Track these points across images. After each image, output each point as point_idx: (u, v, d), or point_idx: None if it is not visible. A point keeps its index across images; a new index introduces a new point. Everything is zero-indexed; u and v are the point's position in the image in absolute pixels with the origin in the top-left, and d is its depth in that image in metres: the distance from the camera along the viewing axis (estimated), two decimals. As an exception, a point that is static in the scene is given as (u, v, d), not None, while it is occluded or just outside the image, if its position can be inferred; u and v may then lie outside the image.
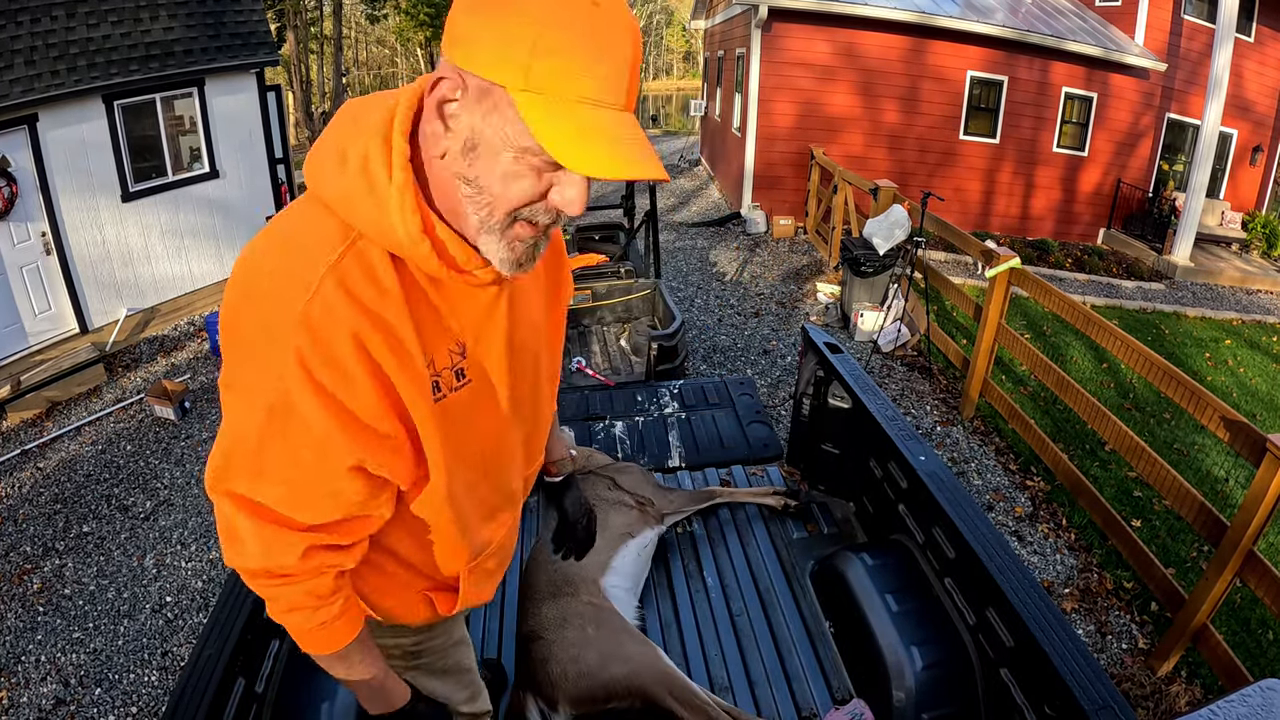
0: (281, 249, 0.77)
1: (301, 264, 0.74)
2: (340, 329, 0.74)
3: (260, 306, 0.75)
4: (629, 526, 2.34)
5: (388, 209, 0.73)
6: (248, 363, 0.76)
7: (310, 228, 0.77)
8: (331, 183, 0.76)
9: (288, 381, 0.73)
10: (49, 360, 5.43)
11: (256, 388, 0.75)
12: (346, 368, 0.75)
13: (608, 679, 1.84)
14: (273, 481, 0.79)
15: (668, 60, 43.59)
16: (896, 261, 5.55)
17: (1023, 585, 1.69)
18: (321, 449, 0.78)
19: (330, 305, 0.73)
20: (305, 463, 0.78)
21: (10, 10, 5.17)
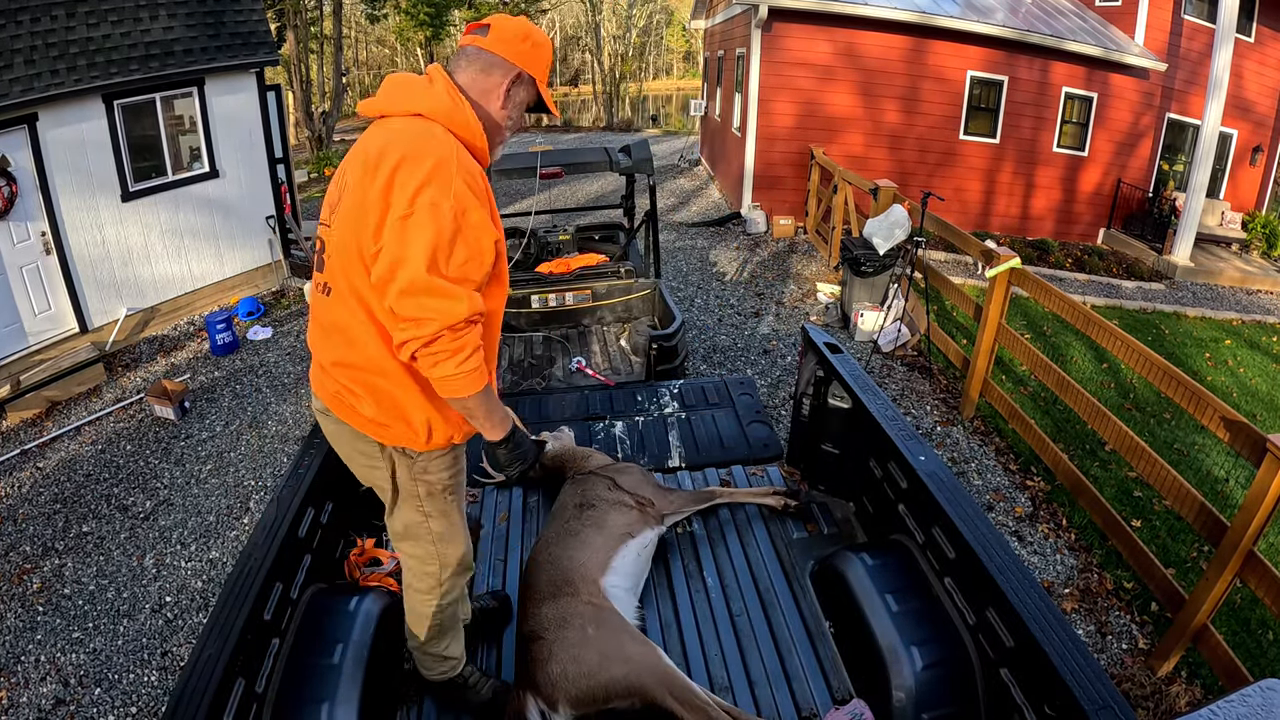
0: (423, 136, 1.41)
1: (444, 142, 1.42)
2: (476, 174, 1.44)
3: (432, 162, 1.36)
4: (629, 526, 2.34)
5: (471, 120, 1.50)
6: (430, 189, 1.35)
7: (430, 129, 1.43)
8: (428, 101, 1.46)
9: (463, 197, 1.38)
10: (49, 360, 5.43)
11: (442, 204, 1.35)
12: (485, 193, 1.46)
13: (608, 679, 1.84)
14: (461, 258, 1.38)
15: (668, 60, 43.58)
16: (896, 261, 5.55)
17: (1023, 585, 1.69)
18: (481, 233, 1.42)
19: (463, 160, 1.42)
20: (475, 242, 1.41)
21: (10, 10, 5.16)
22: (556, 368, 4.42)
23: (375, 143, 1.42)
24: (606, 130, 22.57)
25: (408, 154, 1.36)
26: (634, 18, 34.32)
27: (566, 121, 25.06)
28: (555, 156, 4.74)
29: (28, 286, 5.54)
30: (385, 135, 1.42)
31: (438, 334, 1.34)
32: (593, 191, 11.31)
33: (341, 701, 1.76)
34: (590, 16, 31.41)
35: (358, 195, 1.40)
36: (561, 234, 5.55)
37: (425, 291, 1.33)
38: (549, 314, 4.85)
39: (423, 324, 1.33)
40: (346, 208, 1.44)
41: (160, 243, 6.33)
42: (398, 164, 1.35)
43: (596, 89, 32.10)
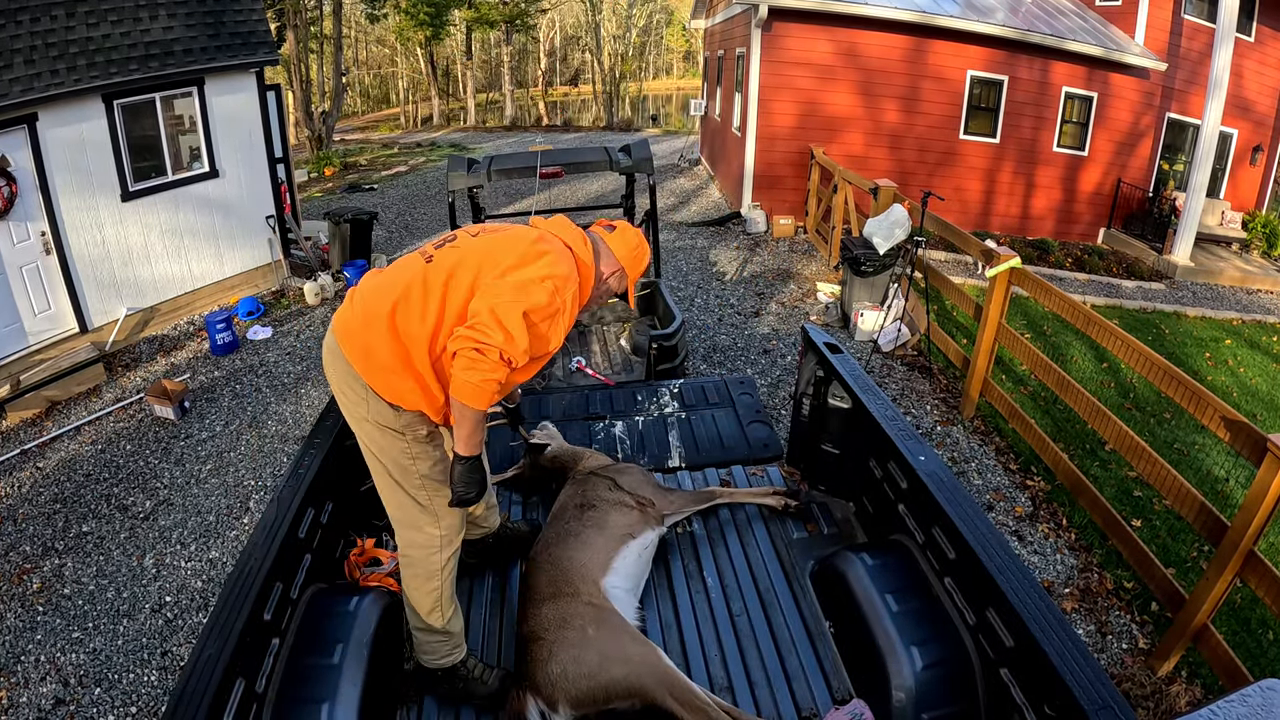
0: (573, 263, 1.85)
1: (570, 270, 1.82)
2: (573, 302, 1.84)
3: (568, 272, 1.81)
4: (630, 527, 2.33)
5: (589, 274, 1.93)
6: (555, 284, 1.75)
7: (565, 258, 1.83)
8: (580, 248, 1.90)
9: (567, 300, 1.79)
10: (49, 360, 5.43)
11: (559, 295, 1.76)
12: (566, 310, 1.80)
13: (608, 680, 1.84)
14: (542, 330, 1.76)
15: (668, 60, 43.58)
16: (896, 261, 5.55)
17: (1023, 585, 1.69)
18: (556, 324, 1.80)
19: (573, 285, 1.83)
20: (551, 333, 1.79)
21: (10, 10, 5.16)
22: (556, 368, 4.42)
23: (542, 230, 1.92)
24: (606, 130, 22.58)
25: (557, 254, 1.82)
26: (634, 18, 34.32)
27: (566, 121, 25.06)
28: (555, 156, 4.74)
29: (28, 286, 5.54)
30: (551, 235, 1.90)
31: (491, 349, 1.61)
32: (593, 191, 11.31)
33: (341, 701, 1.76)
34: (590, 16, 31.40)
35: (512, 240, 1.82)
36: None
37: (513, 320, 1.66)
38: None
39: (488, 333, 1.61)
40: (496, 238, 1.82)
41: (160, 242, 6.33)
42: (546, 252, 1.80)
43: (596, 89, 32.10)
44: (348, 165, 14.93)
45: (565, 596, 2.03)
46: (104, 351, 5.71)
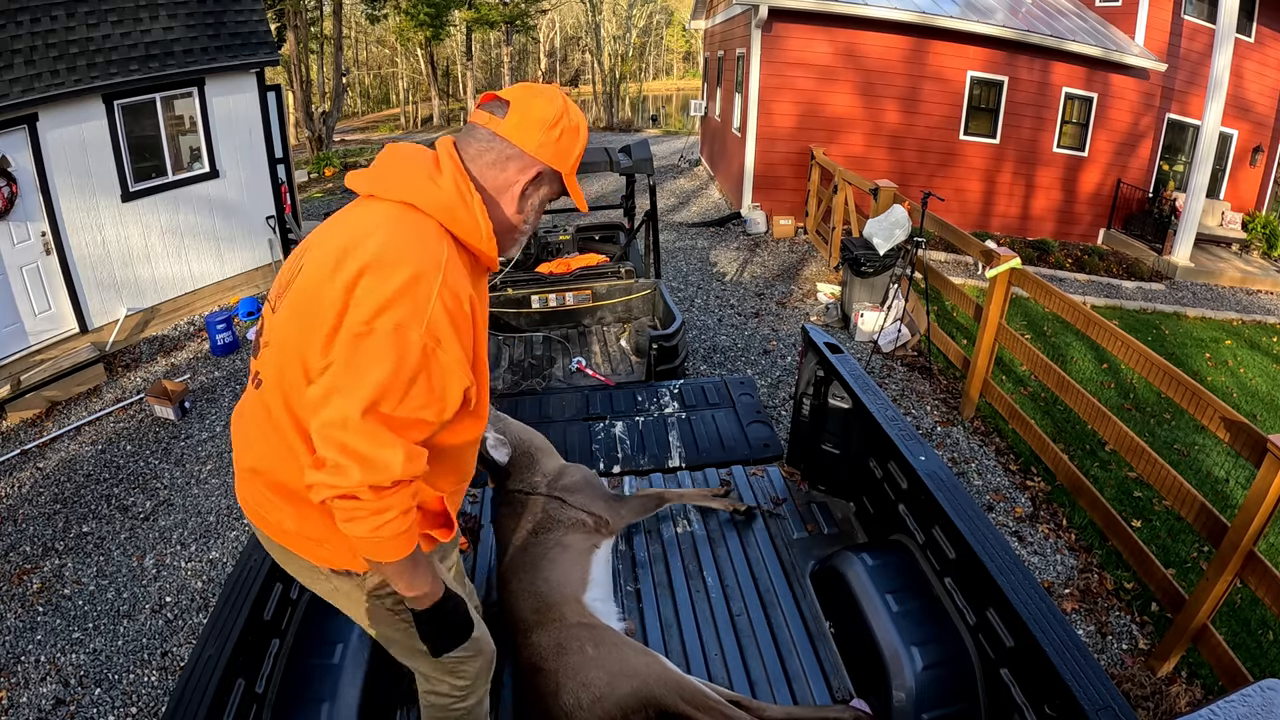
0: (406, 236, 1.14)
1: (430, 248, 1.14)
2: (463, 293, 1.16)
3: (408, 274, 1.09)
4: (590, 540, 2.29)
5: (476, 219, 1.20)
6: (398, 308, 1.07)
7: (420, 226, 1.16)
8: (428, 194, 1.17)
9: (439, 326, 1.10)
10: (49, 360, 5.43)
11: (409, 332, 1.07)
12: (461, 322, 1.15)
13: (620, 697, 1.81)
14: (417, 404, 1.10)
15: (668, 60, 43.59)
16: (896, 261, 5.55)
17: (1023, 585, 1.69)
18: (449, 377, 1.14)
19: (453, 277, 1.14)
20: (440, 388, 1.13)
21: (10, 10, 5.16)
22: (556, 368, 4.42)
23: (347, 230, 1.16)
24: (606, 130, 22.58)
25: (381, 256, 1.09)
26: (634, 18, 34.33)
27: (566, 122, 25.00)
28: (555, 156, 4.73)
29: (28, 286, 5.54)
30: (361, 224, 1.15)
31: (355, 488, 1.05)
32: (593, 192, 11.31)
33: (341, 701, 1.76)
34: (590, 16, 31.41)
35: (313, 290, 1.14)
36: (561, 234, 5.55)
37: (358, 434, 1.05)
38: (549, 314, 4.85)
39: (341, 472, 1.05)
40: (296, 299, 1.17)
41: (160, 243, 6.34)
42: (366, 266, 1.08)
43: (596, 89, 32.10)
44: (348, 166, 14.95)
45: (553, 622, 1.99)
46: (104, 352, 5.71)
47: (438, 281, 1.10)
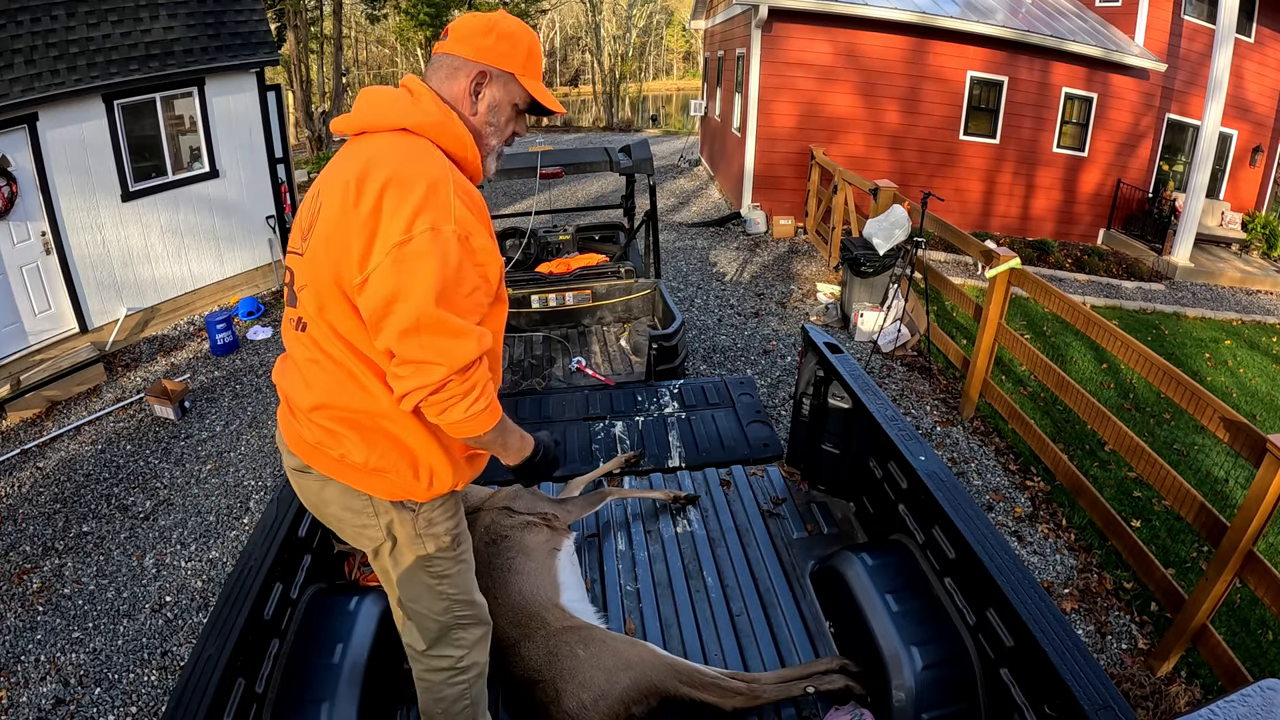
0: (412, 154, 1.25)
1: (436, 161, 1.26)
2: (469, 195, 1.29)
3: (427, 182, 1.20)
4: (549, 541, 2.28)
5: (462, 131, 1.33)
6: (430, 212, 1.18)
7: (419, 146, 1.27)
8: (416, 114, 1.29)
9: (464, 221, 1.24)
10: (49, 360, 5.43)
11: (443, 228, 1.19)
12: (481, 214, 1.30)
13: (621, 691, 1.82)
14: (469, 288, 1.24)
15: (668, 60, 43.58)
16: (896, 261, 5.55)
17: (1023, 585, 1.69)
18: (488, 257, 1.29)
19: (459, 180, 1.28)
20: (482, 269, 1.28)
21: (10, 10, 5.16)
22: (556, 368, 4.42)
23: (356, 161, 1.23)
24: (606, 130, 22.58)
25: (397, 173, 1.19)
26: (634, 18, 34.32)
27: (566, 122, 25.04)
28: (555, 156, 4.74)
29: (28, 286, 5.54)
30: (368, 152, 1.24)
31: (445, 380, 1.18)
32: (593, 191, 11.31)
33: (341, 701, 1.76)
34: (590, 16, 31.41)
35: (338, 220, 1.21)
36: (561, 234, 5.55)
37: (433, 329, 1.17)
38: (549, 314, 4.85)
39: (428, 369, 1.17)
40: (323, 235, 1.24)
41: (160, 243, 6.34)
42: (385, 184, 1.18)
43: (596, 89, 32.10)
44: (348, 165, 14.89)
45: (537, 631, 1.98)
46: (104, 351, 5.71)
47: (451, 183, 1.23)
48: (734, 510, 2.77)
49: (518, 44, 1.35)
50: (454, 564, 1.52)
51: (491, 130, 1.37)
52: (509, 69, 1.34)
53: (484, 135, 1.37)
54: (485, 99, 1.35)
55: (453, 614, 1.53)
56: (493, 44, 1.32)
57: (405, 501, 1.42)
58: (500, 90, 1.36)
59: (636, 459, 3.09)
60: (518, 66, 1.35)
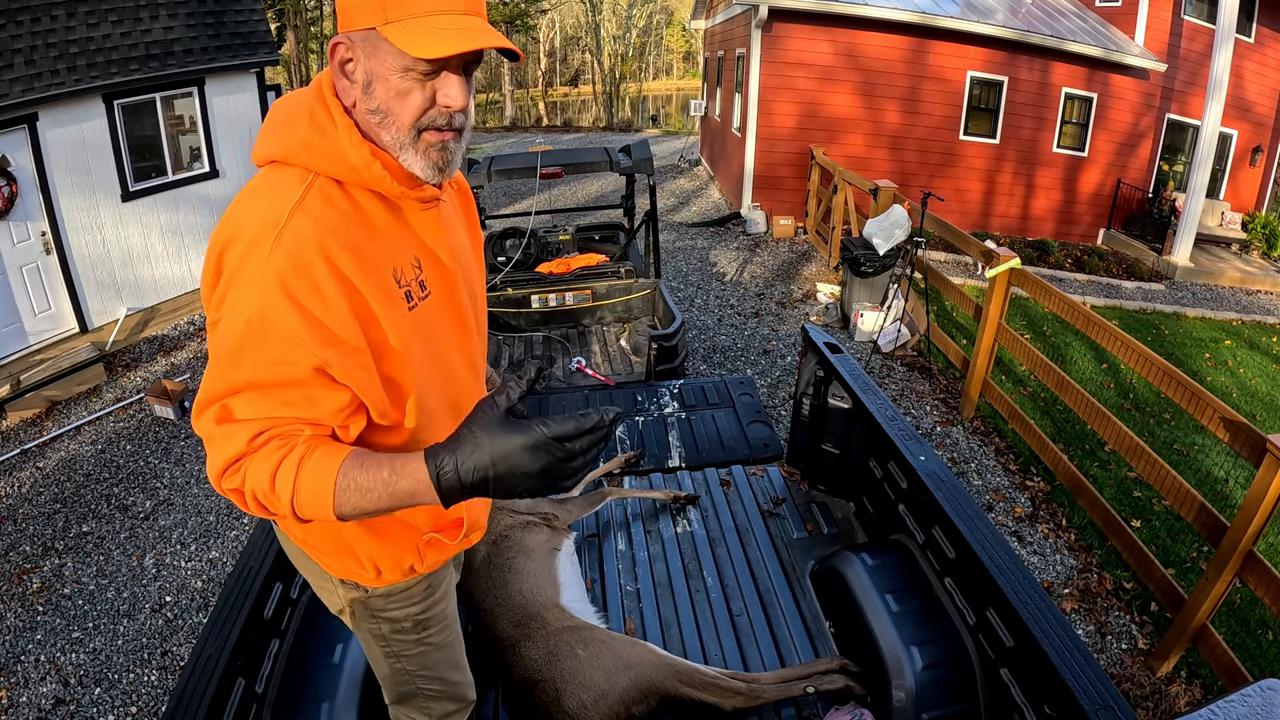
0: (255, 200, 0.95)
1: (272, 207, 0.92)
2: (311, 249, 0.89)
3: (244, 243, 0.90)
4: (550, 541, 2.29)
5: (340, 144, 0.95)
6: (233, 288, 0.89)
7: (274, 182, 0.95)
8: (284, 140, 0.96)
9: (266, 297, 0.87)
10: (49, 360, 5.43)
11: (239, 307, 0.88)
12: (319, 282, 0.89)
13: (620, 691, 1.82)
14: (243, 377, 0.89)
15: (668, 60, 43.60)
16: (896, 262, 5.55)
17: (1023, 585, 1.69)
18: (281, 349, 0.88)
19: (300, 232, 0.90)
20: (268, 363, 0.88)
21: (10, 10, 5.16)
22: (556, 368, 4.42)
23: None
24: (606, 130, 22.58)
25: (226, 237, 0.92)
26: (634, 18, 34.34)
27: (566, 122, 25.06)
28: (555, 156, 4.75)
29: (28, 286, 5.54)
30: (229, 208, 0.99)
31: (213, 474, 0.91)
32: (593, 192, 11.31)
33: (341, 701, 1.76)
34: (590, 17, 31.43)
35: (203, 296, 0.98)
36: (561, 234, 5.55)
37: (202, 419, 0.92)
38: (549, 314, 4.85)
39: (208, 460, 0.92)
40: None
41: (160, 243, 6.34)
42: (220, 250, 0.92)
43: (596, 89, 32.11)
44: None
45: (537, 631, 1.98)
46: (104, 351, 5.71)
47: (269, 242, 0.87)
48: (734, 510, 2.77)
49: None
50: (414, 646, 1.32)
51: (381, 119, 0.95)
52: (367, 23, 0.91)
53: (376, 129, 0.96)
54: (358, 78, 0.95)
55: (415, 685, 1.37)
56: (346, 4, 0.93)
57: (355, 582, 1.22)
58: (370, 58, 0.93)
59: (636, 459, 3.10)
60: (375, 12, 0.90)
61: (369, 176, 0.96)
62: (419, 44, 0.88)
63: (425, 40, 0.88)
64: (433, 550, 1.20)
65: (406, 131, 0.96)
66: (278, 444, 0.89)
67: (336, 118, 0.96)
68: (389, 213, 1.01)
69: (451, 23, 0.90)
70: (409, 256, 1.03)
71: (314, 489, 0.86)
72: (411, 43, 0.89)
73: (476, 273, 1.26)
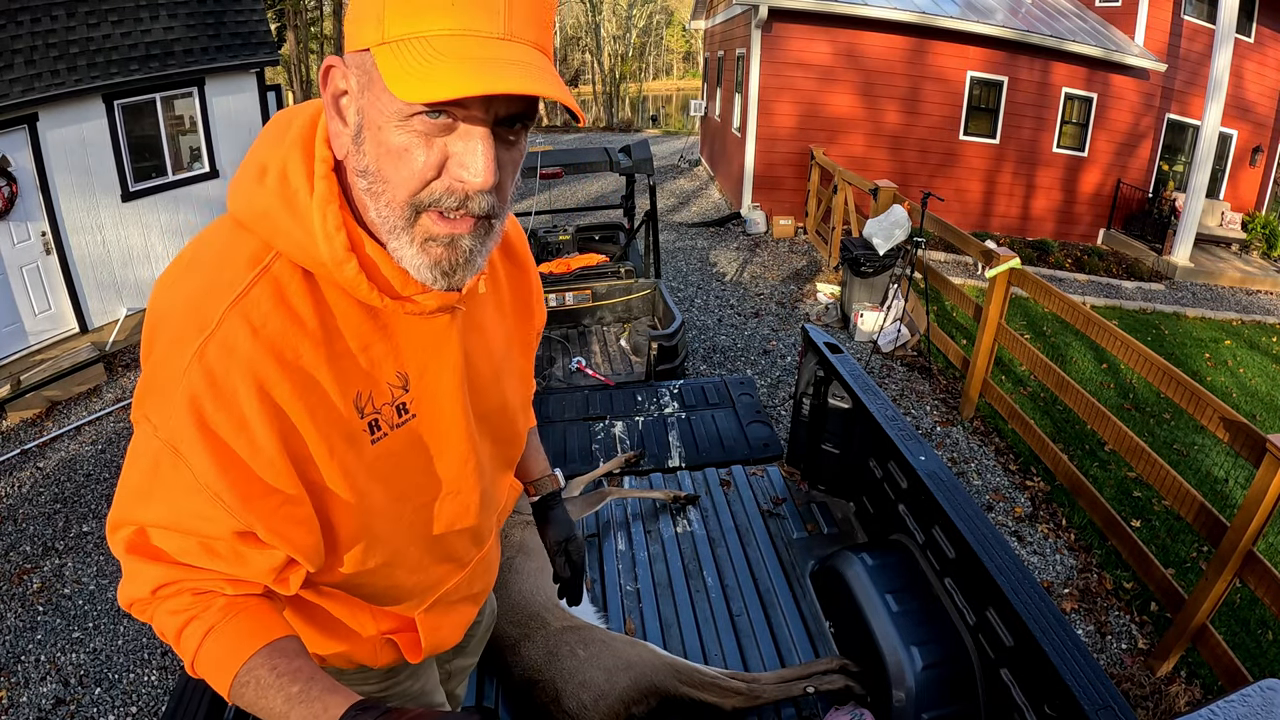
0: (189, 277, 0.70)
1: (206, 296, 0.67)
2: (240, 373, 0.66)
3: (163, 342, 0.68)
4: None
5: (309, 226, 0.67)
6: (149, 394, 0.68)
7: (223, 252, 0.70)
8: (248, 199, 0.70)
9: (178, 424, 0.65)
10: (49, 360, 5.43)
11: (151, 421, 0.67)
12: (245, 416, 0.66)
13: (620, 691, 1.82)
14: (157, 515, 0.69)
15: (668, 60, 43.60)
16: (896, 262, 5.55)
17: (1023, 585, 1.69)
18: (204, 506, 0.67)
19: (230, 345, 0.65)
20: (179, 497, 0.67)
21: (10, 10, 5.16)
22: (556, 368, 4.42)
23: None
24: (606, 130, 22.58)
25: (165, 313, 0.70)
26: (634, 18, 34.34)
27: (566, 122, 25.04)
28: (555, 156, 4.75)
29: (28, 286, 5.54)
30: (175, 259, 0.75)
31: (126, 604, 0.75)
32: (593, 191, 11.31)
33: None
34: (590, 16, 31.43)
35: None
36: (561, 234, 5.55)
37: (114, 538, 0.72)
38: (549, 314, 4.85)
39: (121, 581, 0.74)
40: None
41: (161, 243, 6.34)
42: (154, 326, 0.71)
43: (596, 89, 32.11)
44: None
45: (537, 631, 1.98)
46: (104, 351, 5.71)
47: (188, 354, 0.65)
48: (734, 510, 2.77)
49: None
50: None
51: (369, 184, 0.67)
52: (364, 41, 0.62)
53: (364, 197, 0.68)
54: (351, 120, 0.67)
55: None
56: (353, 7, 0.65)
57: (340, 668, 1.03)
58: (363, 93, 0.64)
59: (636, 459, 3.10)
60: (372, 26, 0.61)
61: (341, 278, 0.69)
62: (413, 78, 0.58)
63: (425, 72, 0.57)
64: (390, 650, 0.99)
65: (400, 209, 0.66)
66: (188, 600, 0.72)
67: (316, 182, 0.68)
68: (368, 317, 0.74)
69: (477, 49, 0.59)
70: (388, 373, 0.77)
71: (213, 669, 0.72)
72: (403, 76, 0.58)
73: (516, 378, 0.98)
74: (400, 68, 0.58)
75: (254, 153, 0.73)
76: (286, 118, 0.74)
